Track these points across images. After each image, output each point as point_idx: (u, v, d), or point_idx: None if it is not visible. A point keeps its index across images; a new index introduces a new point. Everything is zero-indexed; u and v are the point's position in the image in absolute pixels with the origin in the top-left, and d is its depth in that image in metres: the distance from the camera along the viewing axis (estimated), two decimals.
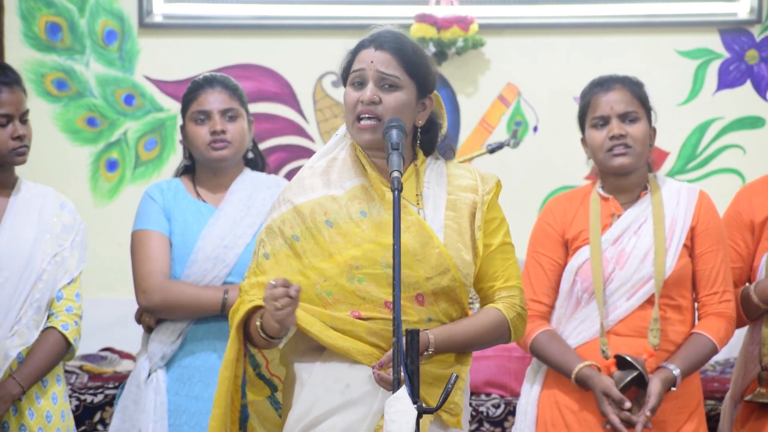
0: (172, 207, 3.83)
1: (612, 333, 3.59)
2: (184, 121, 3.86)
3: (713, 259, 3.63)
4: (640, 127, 3.63)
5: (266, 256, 2.84)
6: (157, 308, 3.75)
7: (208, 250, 3.76)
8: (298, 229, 2.81)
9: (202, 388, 3.75)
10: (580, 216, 3.69)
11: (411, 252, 2.78)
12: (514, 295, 2.91)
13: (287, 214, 2.84)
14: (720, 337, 3.60)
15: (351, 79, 2.83)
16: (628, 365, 3.51)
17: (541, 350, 3.63)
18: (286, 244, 2.82)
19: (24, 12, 5.46)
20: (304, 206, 2.82)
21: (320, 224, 2.80)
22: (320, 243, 2.79)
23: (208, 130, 3.79)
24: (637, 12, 5.62)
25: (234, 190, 3.84)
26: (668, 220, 3.63)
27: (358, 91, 2.82)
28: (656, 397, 3.49)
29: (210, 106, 3.80)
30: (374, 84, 2.80)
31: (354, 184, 2.83)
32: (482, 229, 2.89)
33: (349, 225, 2.79)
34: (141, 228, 3.83)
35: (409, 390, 2.52)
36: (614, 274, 3.61)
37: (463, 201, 2.89)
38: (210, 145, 3.79)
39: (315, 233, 2.80)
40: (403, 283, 2.74)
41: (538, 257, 3.70)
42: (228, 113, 3.81)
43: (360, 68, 2.82)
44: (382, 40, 2.83)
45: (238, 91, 3.86)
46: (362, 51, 2.84)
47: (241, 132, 3.83)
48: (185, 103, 3.86)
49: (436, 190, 2.88)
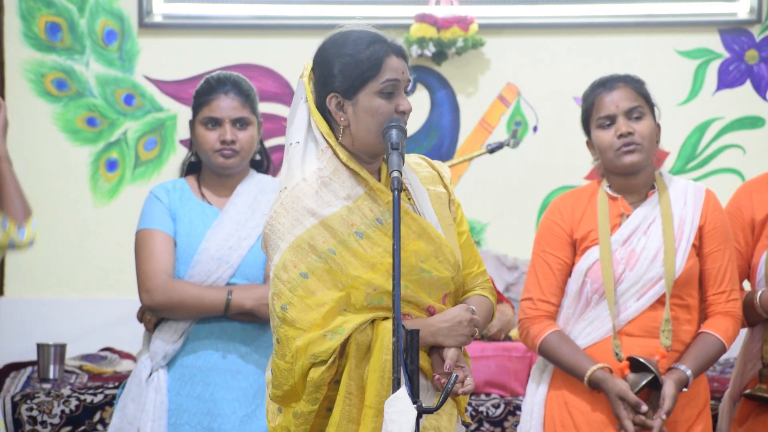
0: (178, 208, 3.83)
1: (623, 334, 3.58)
2: (194, 121, 3.85)
3: (721, 258, 3.63)
4: (647, 124, 3.63)
5: (304, 275, 2.72)
6: (159, 307, 3.75)
7: (212, 251, 3.76)
8: (331, 242, 2.73)
9: (203, 387, 3.75)
10: (588, 216, 3.68)
11: (433, 255, 2.79)
12: (487, 279, 2.99)
13: (314, 229, 2.74)
14: (728, 336, 3.60)
15: (383, 87, 2.77)
16: (642, 367, 3.49)
17: (551, 351, 3.61)
18: (321, 259, 2.72)
19: (24, 12, 5.46)
20: (331, 219, 2.75)
21: (351, 236, 2.75)
22: (358, 255, 2.74)
23: (218, 137, 3.78)
24: (637, 12, 5.63)
25: (239, 193, 3.84)
26: (677, 220, 3.62)
27: (390, 101, 2.78)
28: (671, 399, 3.47)
29: (222, 114, 3.79)
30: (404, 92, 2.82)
31: (358, 192, 2.79)
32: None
33: (377, 233, 2.76)
34: (146, 227, 3.83)
35: (408, 390, 2.53)
36: (624, 274, 3.59)
37: (437, 193, 2.90)
38: (218, 152, 3.79)
39: (349, 245, 2.74)
40: (434, 285, 2.79)
41: (546, 256, 3.69)
42: (239, 122, 3.80)
43: (395, 78, 2.78)
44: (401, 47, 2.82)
45: (250, 96, 3.85)
46: (390, 58, 2.79)
47: (251, 140, 3.82)
48: (197, 104, 3.84)
49: (415, 184, 2.88)
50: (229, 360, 3.76)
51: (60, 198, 5.46)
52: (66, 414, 4.33)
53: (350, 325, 2.69)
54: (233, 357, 3.77)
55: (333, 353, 2.68)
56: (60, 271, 5.48)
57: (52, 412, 4.31)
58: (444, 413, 2.78)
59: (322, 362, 2.68)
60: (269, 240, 2.78)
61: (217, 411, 3.72)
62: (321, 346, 2.68)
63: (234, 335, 3.77)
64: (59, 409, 4.32)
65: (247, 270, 3.78)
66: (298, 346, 2.69)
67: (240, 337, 3.77)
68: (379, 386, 2.68)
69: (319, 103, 2.83)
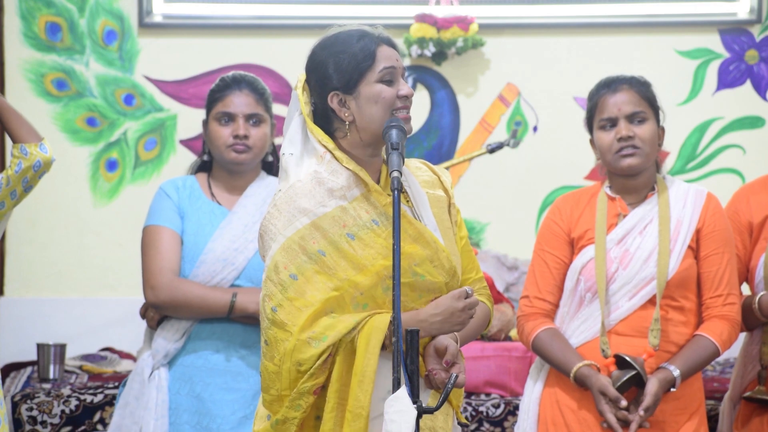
0: (186, 206, 3.83)
1: (613, 332, 3.60)
2: (208, 118, 3.85)
3: (718, 262, 3.63)
4: (648, 128, 3.63)
5: (293, 277, 2.71)
6: (164, 305, 3.75)
7: (218, 251, 3.76)
8: (322, 243, 2.73)
9: (203, 387, 3.75)
10: (587, 215, 3.69)
11: (428, 259, 2.78)
12: (485, 285, 2.97)
13: (305, 229, 2.73)
14: (723, 340, 3.60)
15: (381, 76, 2.79)
16: (627, 365, 3.51)
17: (542, 348, 3.64)
18: (311, 260, 2.71)
19: (24, 12, 5.46)
20: (323, 219, 2.74)
21: (342, 237, 2.74)
22: (348, 256, 2.73)
23: (231, 132, 3.79)
24: (637, 12, 5.62)
25: (249, 194, 3.84)
26: (674, 222, 3.63)
27: (391, 87, 2.80)
28: (652, 396, 3.49)
29: (235, 109, 3.80)
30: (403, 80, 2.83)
31: (355, 194, 2.79)
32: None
33: (370, 235, 2.76)
34: (153, 224, 3.82)
35: (408, 390, 2.52)
36: (617, 273, 3.61)
37: (437, 197, 2.90)
38: (231, 147, 3.79)
39: (340, 247, 2.73)
40: (425, 289, 2.78)
41: (544, 255, 3.71)
42: (252, 118, 3.81)
43: (391, 66, 2.80)
44: (388, 37, 2.85)
45: (264, 96, 3.86)
46: (382, 48, 2.82)
47: (263, 138, 3.83)
48: (211, 101, 3.85)
49: (414, 188, 2.88)
50: (229, 361, 3.77)
51: (60, 198, 5.46)
52: (66, 414, 4.33)
53: (333, 333, 2.66)
54: (234, 359, 3.77)
55: (317, 360, 2.66)
56: (60, 271, 5.48)
57: (52, 412, 4.31)
58: (440, 413, 2.77)
59: (305, 371, 2.66)
60: (263, 241, 2.78)
61: (216, 411, 3.72)
62: (305, 354, 2.66)
63: (235, 337, 3.78)
64: (59, 409, 4.32)
65: (252, 273, 3.78)
66: (286, 348, 2.67)
67: (241, 339, 3.78)
68: (358, 391, 2.64)
69: (320, 106, 2.83)
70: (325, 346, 2.66)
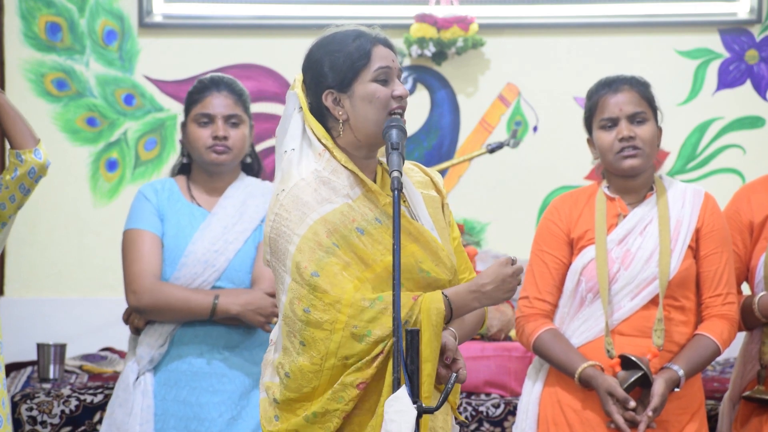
0: (166, 208, 3.83)
1: (616, 333, 3.60)
2: (186, 120, 3.86)
3: (717, 261, 3.64)
4: (649, 128, 3.64)
5: (315, 274, 2.70)
6: (146, 309, 3.76)
7: (198, 253, 3.76)
8: (335, 237, 2.72)
9: (189, 392, 3.75)
10: (586, 215, 3.69)
11: (429, 258, 2.79)
12: None
13: (317, 224, 2.72)
14: (723, 339, 3.60)
15: (376, 75, 2.79)
16: (633, 365, 3.51)
17: (544, 349, 3.63)
18: (328, 253, 2.71)
19: (24, 12, 5.45)
20: (332, 215, 2.74)
21: (352, 232, 2.74)
22: (358, 251, 2.73)
23: (211, 133, 3.80)
24: (637, 12, 5.62)
25: (228, 196, 3.85)
26: (673, 222, 3.63)
27: (386, 87, 2.80)
28: (659, 397, 3.49)
29: (214, 110, 3.81)
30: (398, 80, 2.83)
31: (356, 193, 2.79)
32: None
33: (378, 231, 2.76)
34: (134, 227, 3.83)
35: (408, 390, 2.52)
36: (619, 274, 3.61)
37: (431, 198, 2.91)
38: (210, 148, 3.80)
39: (350, 241, 2.73)
40: (431, 286, 2.78)
41: (543, 256, 3.70)
42: (231, 119, 3.82)
43: (386, 66, 2.80)
44: (385, 37, 2.85)
45: (243, 97, 3.87)
46: (378, 48, 2.82)
47: (243, 139, 3.83)
48: (189, 102, 3.86)
49: (410, 189, 2.88)
50: (213, 364, 3.77)
51: (60, 198, 5.46)
52: (66, 414, 4.33)
53: (379, 328, 2.66)
54: (217, 361, 3.77)
55: (367, 355, 2.66)
56: (60, 271, 5.48)
57: (52, 412, 4.31)
58: (439, 413, 2.77)
59: (353, 364, 2.67)
60: (277, 245, 2.75)
61: (204, 415, 3.73)
62: (352, 349, 2.67)
63: (218, 339, 3.78)
64: (59, 409, 4.32)
65: (233, 274, 3.79)
66: (328, 347, 2.68)
67: (224, 341, 3.78)
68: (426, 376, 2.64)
69: (315, 104, 2.83)
70: (382, 307, 2.67)
